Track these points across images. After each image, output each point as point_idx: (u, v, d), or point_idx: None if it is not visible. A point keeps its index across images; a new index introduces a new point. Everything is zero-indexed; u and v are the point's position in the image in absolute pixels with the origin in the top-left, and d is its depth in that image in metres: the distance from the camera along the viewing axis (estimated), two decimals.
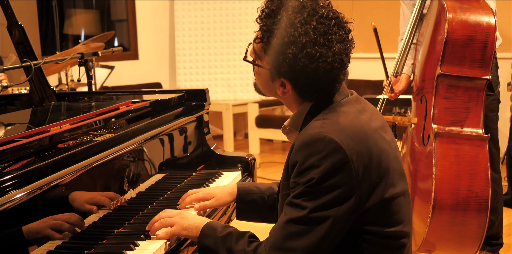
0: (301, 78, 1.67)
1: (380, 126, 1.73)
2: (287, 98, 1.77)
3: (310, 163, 1.59)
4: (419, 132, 3.09)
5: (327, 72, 1.66)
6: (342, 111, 1.69)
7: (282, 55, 1.65)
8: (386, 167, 1.66)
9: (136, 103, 2.51)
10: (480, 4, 3.01)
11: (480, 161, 2.91)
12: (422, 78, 3.16)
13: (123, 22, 7.30)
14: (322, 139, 1.59)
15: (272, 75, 1.71)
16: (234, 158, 2.76)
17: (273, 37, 1.67)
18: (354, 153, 1.59)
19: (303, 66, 1.64)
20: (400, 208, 1.70)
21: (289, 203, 1.64)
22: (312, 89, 1.70)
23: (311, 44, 1.64)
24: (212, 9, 7.20)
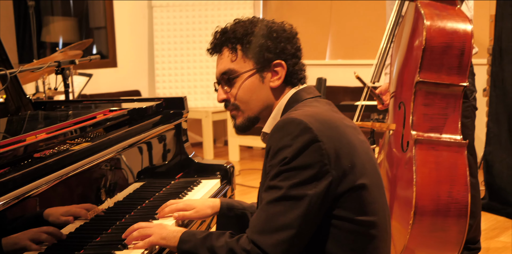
0: (286, 50, 1.86)
1: (353, 126, 1.82)
2: (275, 94, 1.87)
3: (282, 144, 1.66)
4: (398, 139, 3.09)
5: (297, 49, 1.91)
6: (312, 105, 1.81)
7: (260, 44, 1.85)
8: (358, 156, 1.72)
9: (114, 111, 2.49)
10: (456, 11, 3.03)
11: (459, 167, 2.92)
12: (399, 84, 3.16)
13: (101, 30, 7.26)
14: (292, 122, 1.68)
15: (263, 66, 1.86)
16: (212, 166, 2.75)
17: (244, 40, 1.86)
18: (324, 135, 1.66)
19: (285, 40, 1.88)
20: (374, 200, 1.74)
21: (266, 188, 1.69)
22: (297, 62, 1.89)
23: (271, 28, 1.90)
24: (191, 17, 7.19)
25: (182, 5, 7.18)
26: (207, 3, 7.18)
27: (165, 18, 7.20)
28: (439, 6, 3.04)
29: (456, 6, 3.08)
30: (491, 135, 4.67)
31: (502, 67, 4.56)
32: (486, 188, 4.68)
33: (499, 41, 4.57)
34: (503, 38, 4.54)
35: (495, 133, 4.63)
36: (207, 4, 7.18)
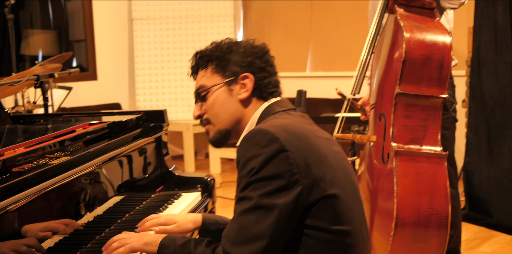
0: (254, 63, 1.91)
1: (326, 137, 1.84)
2: (245, 107, 1.91)
3: (250, 154, 1.68)
4: (379, 150, 3.10)
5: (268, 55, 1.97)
6: (283, 117, 1.84)
7: (227, 59, 1.91)
8: (329, 166, 1.73)
9: (94, 125, 2.48)
10: (435, 23, 3.06)
11: (439, 178, 2.94)
12: (380, 95, 3.18)
13: (81, 43, 7.24)
14: (259, 132, 1.70)
15: (230, 79, 1.89)
16: (193, 179, 2.74)
17: (213, 56, 1.93)
18: (292, 145, 1.68)
19: (252, 54, 1.92)
20: (348, 209, 1.75)
21: (237, 200, 1.70)
22: (267, 76, 1.93)
23: (239, 44, 1.95)
24: (172, 30, 7.19)
25: (162, 18, 7.18)
26: (188, 16, 7.18)
27: (146, 31, 7.19)
28: (419, 19, 3.07)
29: (436, 18, 3.10)
30: (470, 146, 4.70)
31: (480, 79, 4.60)
32: (466, 198, 4.71)
33: (477, 53, 4.61)
34: (481, 50, 4.58)
35: (474, 144, 4.67)
36: (187, 17, 7.18)
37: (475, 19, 4.62)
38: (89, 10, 7.07)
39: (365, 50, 3.24)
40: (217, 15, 7.19)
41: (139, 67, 7.21)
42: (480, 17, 4.57)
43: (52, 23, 7.19)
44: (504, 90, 4.47)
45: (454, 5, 3.18)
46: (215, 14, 7.19)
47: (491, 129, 4.57)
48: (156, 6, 7.17)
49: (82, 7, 7.07)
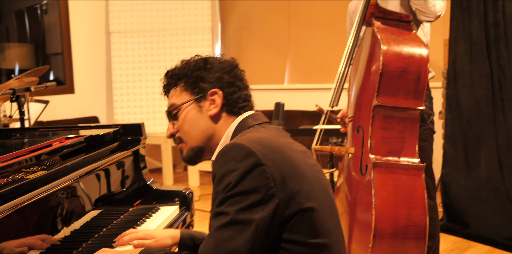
0: (223, 79, 1.90)
1: (301, 150, 1.84)
2: (215, 123, 1.91)
3: (226, 169, 1.67)
4: (357, 162, 3.11)
5: (237, 69, 1.95)
6: (258, 131, 1.84)
7: (195, 76, 1.92)
8: (305, 179, 1.73)
9: (71, 139, 2.46)
10: (412, 36, 3.09)
11: (417, 190, 2.95)
12: (358, 107, 3.19)
13: (58, 56, 7.20)
14: (235, 147, 1.70)
15: (199, 96, 1.90)
16: (171, 192, 2.73)
17: (181, 74, 1.94)
18: (268, 159, 1.68)
19: (219, 70, 1.92)
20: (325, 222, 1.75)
21: (213, 215, 1.70)
22: (236, 91, 1.91)
23: (207, 60, 1.95)
24: (149, 42, 7.18)
25: (140, 31, 7.17)
26: (165, 29, 7.18)
27: (123, 44, 7.18)
28: (396, 31, 3.09)
29: (412, 31, 3.13)
30: (447, 157, 4.73)
31: (456, 90, 4.64)
32: (444, 209, 4.73)
33: (453, 65, 4.65)
34: (457, 62, 4.63)
35: (452, 155, 4.70)
36: (165, 30, 7.18)
37: (451, 32, 4.67)
38: (66, 23, 7.04)
39: (343, 62, 3.25)
40: (195, 28, 7.20)
41: (117, 80, 7.19)
42: (455, 30, 4.62)
43: (29, 37, 7.15)
44: (480, 102, 4.51)
45: (430, 18, 3.21)
46: (193, 27, 7.20)
47: (467, 140, 4.61)
48: (133, 19, 7.17)
49: (59, 20, 7.04)
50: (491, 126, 4.46)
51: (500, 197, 4.41)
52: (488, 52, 4.46)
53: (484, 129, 4.50)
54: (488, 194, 4.48)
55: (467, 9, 4.53)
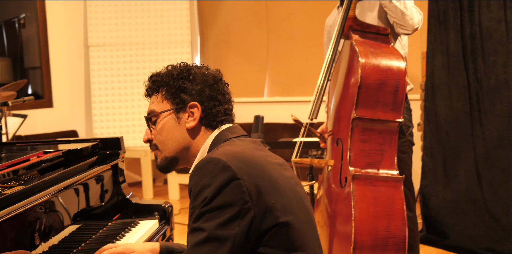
0: (204, 92, 1.89)
1: (278, 163, 1.84)
2: (192, 136, 1.90)
3: (202, 184, 1.67)
4: (336, 175, 3.12)
5: (219, 82, 1.93)
6: (235, 144, 1.83)
7: (178, 86, 1.89)
8: (282, 193, 1.73)
9: (49, 153, 2.44)
10: (390, 49, 3.11)
11: (396, 202, 2.96)
12: (337, 120, 3.20)
13: (36, 70, 7.16)
14: (211, 161, 1.69)
15: (179, 107, 1.89)
16: (150, 206, 2.72)
17: (164, 82, 1.92)
18: (244, 173, 1.67)
19: (201, 82, 1.90)
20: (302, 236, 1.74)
21: (190, 231, 1.69)
22: (216, 105, 1.89)
23: (196, 69, 1.94)
24: (128, 56, 7.17)
25: (119, 45, 7.16)
26: (145, 43, 7.18)
27: (102, 58, 7.16)
28: (374, 44, 3.12)
29: (390, 44, 3.16)
30: (426, 169, 4.76)
31: (434, 102, 4.68)
32: (423, 221, 4.75)
33: (431, 77, 4.69)
34: (435, 74, 4.67)
35: (430, 167, 4.72)
36: (144, 43, 7.18)
37: (428, 44, 4.71)
38: (44, 37, 7.01)
39: (321, 75, 3.27)
40: (174, 41, 7.20)
41: (96, 94, 7.16)
42: (433, 42, 4.67)
43: (7, 50, 7.10)
44: (458, 114, 4.55)
45: (408, 30, 3.24)
46: (172, 40, 7.20)
47: (446, 152, 4.64)
48: (112, 32, 7.15)
49: (37, 34, 7.01)
50: (469, 138, 4.50)
51: (478, 208, 4.44)
52: (465, 65, 4.50)
53: (462, 141, 4.54)
54: (467, 205, 4.51)
55: (444, 22, 4.57)
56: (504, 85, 4.33)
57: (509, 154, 4.31)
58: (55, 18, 7.07)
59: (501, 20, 4.30)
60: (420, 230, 4.58)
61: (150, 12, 7.17)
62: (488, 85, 4.39)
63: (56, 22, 7.07)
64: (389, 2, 3.16)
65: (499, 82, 4.35)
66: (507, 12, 4.28)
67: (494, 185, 4.39)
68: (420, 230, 4.65)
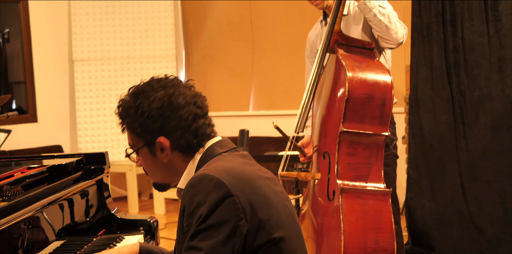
0: (167, 123, 1.80)
1: (268, 177, 1.83)
2: (174, 165, 1.86)
3: (197, 202, 1.65)
4: (324, 188, 3.12)
5: (182, 107, 1.82)
6: (226, 160, 1.81)
7: (141, 123, 1.83)
8: (274, 208, 1.73)
9: (33, 168, 2.43)
10: (375, 63, 3.13)
11: (384, 215, 2.97)
12: (323, 134, 3.21)
13: (21, 84, 7.13)
14: (204, 178, 1.67)
15: (148, 143, 1.84)
16: (136, 221, 2.70)
17: (128, 119, 1.86)
18: (238, 189, 1.66)
19: (159, 109, 1.80)
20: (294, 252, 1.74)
21: (186, 249, 1.67)
22: (183, 130, 1.82)
23: (154, 98, 1.82)
24: (113, 70, 7.16)
25: (103, 59, 7.15)
26: (129, 57, 7.17)
27: (87, 72, 7.14)
28: (359, 58, 3.14)
29: (376, 58, 3.18)
30: (411, 181, 4.77)
31: (419, 115, 4.70)
32: (409, 233, 4.75)
33: (415, 91, 4.72)
34: (419, 87, 4.69)
35: (415, 180, 4.74)
36: (129, 57, 7.17)
37: (412, 58, 4.74)
38: (29, 52, 7.00)
39: (308, 89, 3.26)
40: (159, 55, 7.20)
41: (81, 109, 7.13)
42: (416, 56, 4.70)
43: None
44: (442, 126, 4.57)
45: (392, 45, 3.26)
46: (157, 54, 7.20)
47: (430, 164, 4.65)
48: (97, 47, 7.15)
49: (21, 48, 6.99)
50: (454, 150, 4.52)
51: (463, 220, 4.46)
52: (449, 78, 4.53)
53: (447, 153, 4.56)
54: (452, 217, 4.52)
55: (427, 35, 4.61)
56: (487, 98, 4.36)
57: (493, 166, 4.33)
58: (39, 32, 7.05)
59: (484, 33, 4.34)
60: (406, 243, 4.58)
61: (135, 26, 7.18)
62: (472, 98, 4.43)
63: (40, 36, 7.06)
64: (374, 16, 3.18)
65: (483, 95, 4.38)
66: (489, 25, 4.32)
67: (478, 197, 4.41)
68: (406, 243, 4.65)
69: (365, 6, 3.18)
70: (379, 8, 3.18)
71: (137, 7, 7.17)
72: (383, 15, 3.18)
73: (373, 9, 3.17)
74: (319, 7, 3.47)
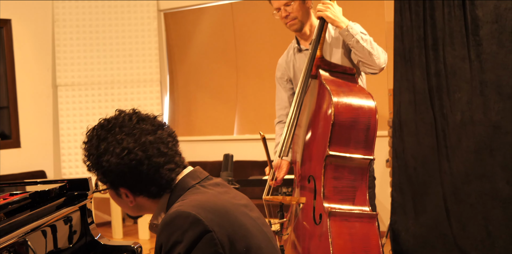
0: (126, 178, 1.76)
1: (244, 204, 1.82)
2: (142, 206, 1.84)
3: (174, 240, 1.62)
4: (309, 212, 3.12)
5: (142, 163, 1.75)
6: (199, 192, 1.77)
7: (102, 172, 1.79)
8: (252, 238, 1.72)
9: (15, 195, 2.41)
10: (358, 88, 3.17)
11: (371, 237, 2.98)
12: (307, 158, 3.21)
13: (4, 110, 7.11)
14: (180, 215, 1.64)
15: (113, 189, 1.82)
16: (119, 247, 2.69)
17: (90, 160, 1.83)
18: (215, 224, 1.64)
19: (118, 166, 1.75)
20: None
21: None
22: (144, 184, 1.77)
23: (113, 152, 1.76)
24: (97, 95, 7.16)
25: (88, 84, 7.15)
26: (113, 82, 7.18)
27: (70, 97, 7.14)
28: (343, 83, 3.17)
29: (357, 83, 3.21)
30: (395, 204, 4.78)
31: (402, 139, 4.72)
32: None
33: (398, 114, 4.75)
34: (402, 111, 4.73)
35: (400, 203, 4.75)
36: (113, 82, 7.18)
37: (395, 82, 4.78)
38: (12, 77, 6.98)
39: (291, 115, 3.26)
40: (143, 80, 7.21)
41: (64, 134, 7.11)
42: (399, 80, 4.74)
43: None
44: (425, 150, 4.60)
45: (375, 70, 3.28)
46: (141, 79, 7.21)
47: (414, 187, 4.67)
48: (81, 72, 7.15)
49: (4, 73, 6.98)
50: (437, 174, 4.54)
51: (448, 243, 4.46)
52: (431, 101, 4.57)
53: (430, 176, 4.58)
54: (437, 240, 4.52)
55: (410, 60, 4.66)
56: (470, 121, 4.40)
57: (477, 189, 4.36)
58: (23, 57, 7.05)
59: (465, 58, 4.39)
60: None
61: (119, 51, 7.20)
62: (454, 121, 4.46)
63: (24, 61, 7.06)
64: (357, 42, 3.20)
65: (465, 118, 4.42)
66: (470, 50, 4.37)
67: (462, 220, 4.42)
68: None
69: (348, 33, 3.21)
70: (361, 34, 3.22)
71: (121, 32, 7.20)
72: (365, 41, 3.21)
73: (356, 35, 3.20)
74: (293, 28, 3.50)
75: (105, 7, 7.19)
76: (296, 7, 3.44)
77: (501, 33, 4.22)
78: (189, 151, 7.19)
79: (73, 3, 7.16)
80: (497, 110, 4.27)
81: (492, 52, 4.28)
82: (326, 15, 3.25)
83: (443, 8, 4.45)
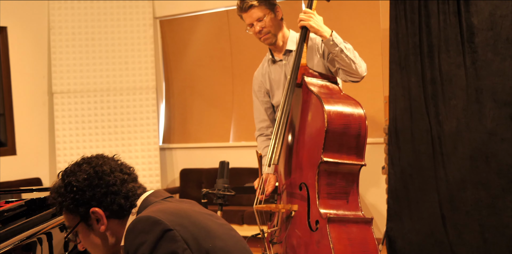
0: (95, 194, 1.82)
1: (208, 213, 1.86)
2: (114, 232, 1.85)
3: (137, 243, 1.65)
4: (303, 219, 3.11)
5: (109, 174, 1.85)
6: (160, 204, 1.83)
7: (71, 200, 1.82)
8: (218, 237, 1.75)
9: (11, 202, 2.41)
10: (344, 95, 3.20)
11: (369, 242, 3.00)
12: (298, 166, 3.20)
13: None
14: (140, 220, 1.69)
15: (85, 219, 1.84)
16: None
17: (58, 201, 1.85)
18: (176, 224, 1.68)
19: (88, 187, 1.82)
20: None
21: None
22: (114, 199, 1.83)
23: (80, 172, 1.84)
24: (93, 102, 7.16)
25: (83, 91, 7.15)
26: (109, 89, 7.18)
27: (66, 104, 7.13)
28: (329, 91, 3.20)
29: (341, 91, 3.23)
30: (391, 211, 4.78)
31: (398, 146, 4.73)
32: None
33: (394, 121, 4.76)
34: (398, 118, 4.74)
35: (396, 210, 4.75)
36: (109, 90, 7.18)
37: (390, 89, 4.79)
38: (8, 84, 6.98)
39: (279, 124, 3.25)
40: (139, 87, 7.22)
41: (60, 141, 7.10)
42: (395, 87, 4.75)
43: None
44: (421, 157, 4.60)
45: (356, 78, 3.29)
46: (137, 86, 7.21)
47: (410, 194, 4.67)
48: (77, 79, 7.15)
49: (0, 81, 6.98)
50: (433, 180, 4.55)
51: (444, 250, 4.46)
52: (427, 108, 4.58)
53: (426, 183, 4.58)
54: (433, 247, 4.52)
55: (405, 67, 4.67)
56: (465, 128, 4.41)
57: (472, 196, 4.36)
58: (18, 64, 7.05)
59: (460, 65, 4.41)
60: None
61: (115, 59, 7.20)
62: (450, 128, 4.47)
63: (19, 68, 7.06)
64: (341, 51, 3.21)
65: (460, 125, 4.43)
66: (465, 57, 4.38)
67: (458, 227, 4.43)
68: None
69: (333, 42, 3.21)
70: (344, 43, 3.24)
71: (117, 40, 7.21)
72: (348, 50, 3.23)
73: (340, 44, 3.22)
74: (268, 42, 3.54)
75: (101, 15, 7.20)
76: (268, 21, 3.47)
77: (496, 40, 4.24)
78: (185, 159, 7.19)
79: (69, 11, 7.17)
80: (493, 117, 4.28)
81: (487, 59, 4.30)
82: (309, 25, 3.26)
83: (439, 15, 4.47)
